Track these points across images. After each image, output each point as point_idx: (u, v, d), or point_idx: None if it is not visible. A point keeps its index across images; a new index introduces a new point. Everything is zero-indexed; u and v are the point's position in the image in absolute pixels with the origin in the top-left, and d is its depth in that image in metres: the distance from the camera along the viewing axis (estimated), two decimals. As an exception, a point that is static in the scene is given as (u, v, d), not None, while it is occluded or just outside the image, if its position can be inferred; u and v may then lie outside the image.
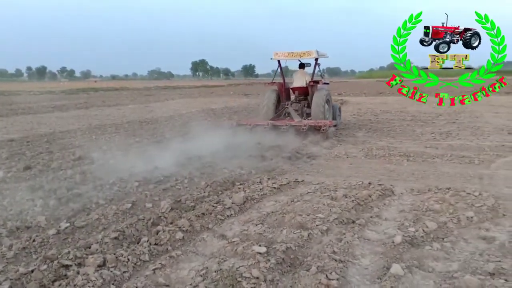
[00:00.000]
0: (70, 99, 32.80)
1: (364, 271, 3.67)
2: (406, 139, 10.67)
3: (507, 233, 4.34)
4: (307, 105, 11.97)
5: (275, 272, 3.54)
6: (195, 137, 11.21)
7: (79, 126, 14.68)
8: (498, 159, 7.97)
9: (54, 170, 7.60)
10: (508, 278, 3.31)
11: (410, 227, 4.47)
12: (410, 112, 17.57)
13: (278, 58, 11.92)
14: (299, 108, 11.95)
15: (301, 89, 12.14)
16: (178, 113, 19.42)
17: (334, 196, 5.65)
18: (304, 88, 12.02)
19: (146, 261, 3.90)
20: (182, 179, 6.65)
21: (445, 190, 5.83)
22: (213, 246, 4.27)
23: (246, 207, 5.50)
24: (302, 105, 12.04)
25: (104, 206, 5.44)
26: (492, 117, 15.31)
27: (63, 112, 21.55)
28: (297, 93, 12.27)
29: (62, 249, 4.06)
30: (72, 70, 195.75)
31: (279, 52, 11.82)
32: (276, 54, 11.82)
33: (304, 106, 12.02)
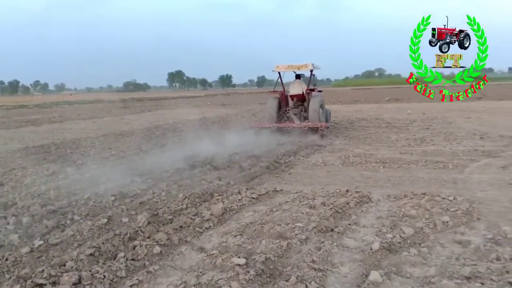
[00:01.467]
0: (43, 113, 32.22)
1: (343, 279, 3.68)
2: (381, 146, 10.81)
3: (481, 236, 4.43)
4: (304, 109, 13.72)
5: (254, 283, 3.51)
6: (172, 149, 11.14)
7: (53, 141, 14.40)
8: (472, 164, 8.14)
9: (28, 186, 7.42)
10: (484, 281, 3.36)
11: (387, 233, 4.51)
12: (385, 119, 17.86)
13: (279, 70, 13.82)
14: (298, 112, 13.69)
15: (299, 96, 13.90)
16: (155, 125, 19.25)
17: (313, 205, 5.67)
18: (301, 95, 13.82)
19: (123, 277, 3.82)
20: (159, 192, 6.56)
21: (421, 196, 5.91)
22: (191, 260, 4.22)
23: (225, 218, 5.46)
24: (300, 110, 13.76)
25: (79, 222, 5.32)
26: (464, 122, 15.67)
27: (37, 126, 21.12)
28: (296, 100, 14.04)
29: (36, 268, 3.96)
30: (46, 84, 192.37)
31: (280, 65, 13.70)
32: (277, 67, 13.70)
33: (301, 110, 13.75)
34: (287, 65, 13.70)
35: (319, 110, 12.99)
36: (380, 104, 29.86)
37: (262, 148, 10.32)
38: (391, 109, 24.27)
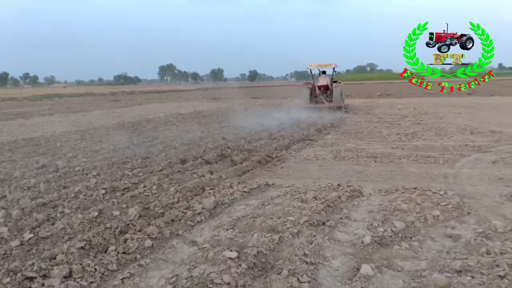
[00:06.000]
0: (33, 106, 31.95)
1: (335, 272, 3.69)
2: (373, 141, 10.84)
3: (472, 230, 4.46)
4: (327, 95, 19.78)
5: (246, 277, 3.51)
6: (163, 142, 11.10)
7: (43, 134, 14.28)
8: (462, 159, 8.19)
9: (17, 179, 7.35)
10: (474, 275, 3.38)
11: (378, 227, 4.52)
12: (377, 114, 17.93)
13: (311, 68, 20.29)
14: (324, 97, 19.71)
15: (325, 86, 20.00)
16: (146, 118, 19.17)
17: (304, 199, 5.67)
18: (326, 85, 19.97)
19: (114, 271, 3.80)
20: (150, 185, 6.52)
21: (412, 190, 5.95)
22: (183, 253, 4.21)
23: (217, 212, 5.44)
24: (325, 96, 19.84)
25: (69, 215, 5.28)
26: (455, 117, 15.76)
27: (26, 119, 20.94)
28: (322, 89, 19.98)
29: (26, 261, 3.92)
30: (36, 76, 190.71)
31: (312, 64, 19.96)
32: (310, 66, 20.03)
33: (327, 96, 19.80)
34: (316, 64, 19.97)
35: (340, 95, 19.10)
36: (371, 99, 29.97)
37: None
38: (382, 104, 24.37)
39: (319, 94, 19.76)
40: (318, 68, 20.36)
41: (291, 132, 12.49)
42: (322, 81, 20.07)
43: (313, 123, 14.68)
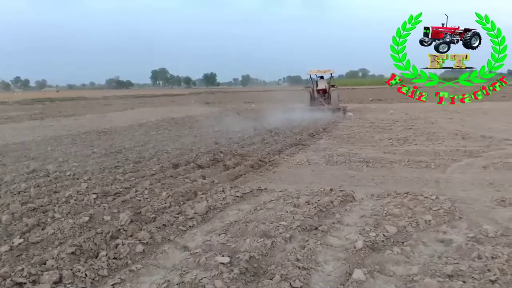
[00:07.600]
0: (24, 110, 31.74)
1: (327, 277, 3.68)
2: (365, 146, 10.88)
3: (463, 235, 4.47)
4: (325, 98, 21.76)
5: (238, 282, 3.49)
6: (155, 147, 11.06)
7: (33, 138, 14.17)
8: (453, 164, 8.24)
9: (7, 183, 7.28)
10: (466, 279, 3.39)
11: (371, 232, 4.53)
12: (369, 119, 18.01)
13: (311, 73, 22.45)
14: (323, 100, 21.59)
15: (323, 90, 22.22)
16: (138, 123, 19.09)
17: (297, 203, 5.67)
18: (325, 89, 22.23)
19: (105, 276, 3.77)
20: (142, 190, 6.48)
21: (404, 195, 5.96)
22: (175, 258, 4.18)
23: (209, 217, 5.42)
24: (324, 98, 21.79)
25: (60, 220, 5.22)
26: (446, 123, 15.87)
27: (17, 123, 20.80)
28: (321, 92, 22.10)
29: (15, 266, 3.87)
30: (27, 80, 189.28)
31: (312, 70, 22.26)
32: (310, 71, 22.29)
33: (325, 99, 21.75)
34: (316, 70, 22.26)
35: (337, 98, 21.52)
36: (363, 104, 30.11)
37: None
38: (374, 109, 24.50)
39: (318, 97, 21.80)
40: (317, 73, 22.49)
41: (284, 137, 12.54)
42: (321, 85, 22.38)
43: (306, 128, 14.72)
